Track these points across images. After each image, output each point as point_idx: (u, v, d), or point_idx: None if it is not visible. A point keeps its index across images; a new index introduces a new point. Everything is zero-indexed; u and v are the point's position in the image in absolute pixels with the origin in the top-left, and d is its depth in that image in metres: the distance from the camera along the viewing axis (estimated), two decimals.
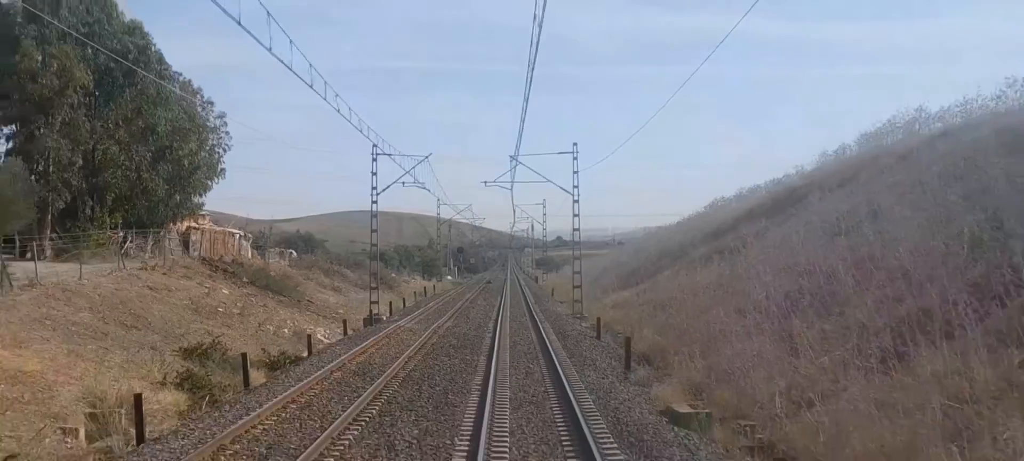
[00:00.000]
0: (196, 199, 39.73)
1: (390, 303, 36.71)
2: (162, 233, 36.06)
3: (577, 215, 33.50)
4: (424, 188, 42.14)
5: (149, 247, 34.36)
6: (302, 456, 8.65)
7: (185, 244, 40.47)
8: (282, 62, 13.24)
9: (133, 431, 10.78)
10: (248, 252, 49.45)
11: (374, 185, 32.04)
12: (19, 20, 31.55)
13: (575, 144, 33.14)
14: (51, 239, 31.49)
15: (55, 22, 29.32)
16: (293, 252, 59.56)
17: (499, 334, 21.98)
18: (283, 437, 9.96)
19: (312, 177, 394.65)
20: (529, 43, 19.39)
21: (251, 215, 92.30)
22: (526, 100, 21.49)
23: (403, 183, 37.57)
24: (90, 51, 31.20)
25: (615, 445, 9.32)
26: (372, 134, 34.92)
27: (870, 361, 10.44)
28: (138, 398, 10.86)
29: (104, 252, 29.91)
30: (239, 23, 11.32)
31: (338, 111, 20.27)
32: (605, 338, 22.32)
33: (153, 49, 35.65)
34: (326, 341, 26.11)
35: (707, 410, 11.32)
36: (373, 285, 32.03)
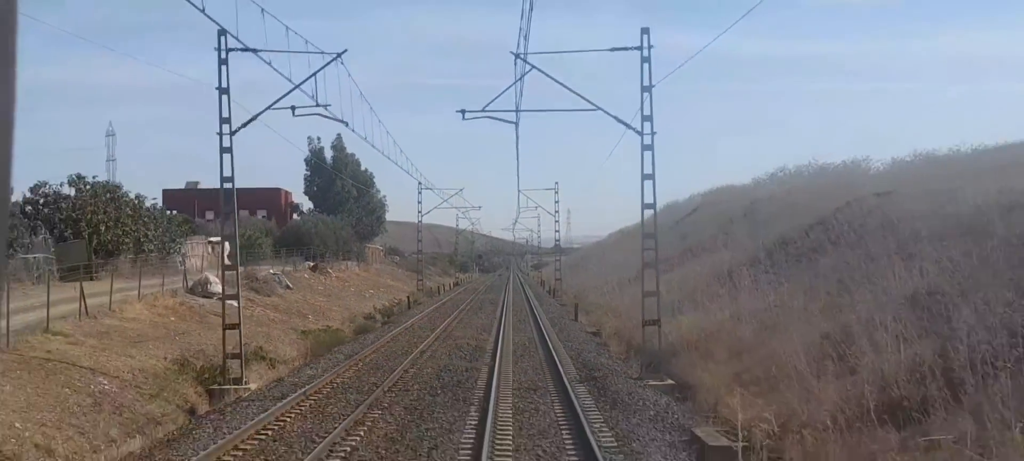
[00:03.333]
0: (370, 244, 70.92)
1: (456, 280, 68.99)
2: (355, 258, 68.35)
3: (557, 231, 65.39)
4: (465, 216, 73.81)
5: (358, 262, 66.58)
6: (453, 304, 40.58)
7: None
8: (359, 136, 45.23)
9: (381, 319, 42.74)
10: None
11: (420, 212, 63.10)
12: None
13: (557, 182, 64.30)
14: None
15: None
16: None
17: (509, 288, 53.84)
18: (444, 309, 41.90)
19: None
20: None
21: None
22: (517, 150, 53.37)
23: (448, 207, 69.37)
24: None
25: (539, 304, 41.20)
26: (417, 174, 66.28)
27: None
28: (388, 308, 42.82)
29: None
30: (327, 112, 43.34)
31: (396, 163, 52.10)
32: (553, 296, 54.19)
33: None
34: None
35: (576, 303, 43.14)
36: (451, 273, 64.18)
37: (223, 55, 15.88)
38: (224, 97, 16.03)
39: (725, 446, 9.94)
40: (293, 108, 17.48)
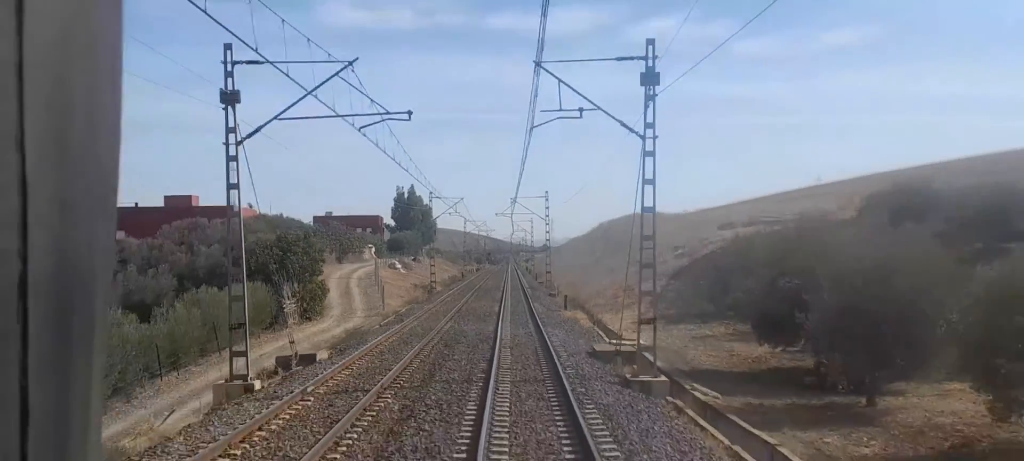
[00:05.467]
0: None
1: (476, 267, 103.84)
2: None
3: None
4: (467, 219, 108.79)
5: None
6: (478, 278, 75.54)
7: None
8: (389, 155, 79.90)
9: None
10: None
11: (434, 216, 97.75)
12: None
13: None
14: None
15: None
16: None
17: (508, 272, 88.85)
18: (480, 277, 76.95)
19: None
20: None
21: None
22: (523, 162, 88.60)
23: (449, 214, 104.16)
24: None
25: (525, 278, 76.18)
26: (427, 184, 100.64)
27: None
28: (453, 276, 77.84)
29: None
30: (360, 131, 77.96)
31: (419, 181, 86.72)
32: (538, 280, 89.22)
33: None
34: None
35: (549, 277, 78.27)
36: (467, 262, 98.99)
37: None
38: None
39: (568, 313, 45.13)
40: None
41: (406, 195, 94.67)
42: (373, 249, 70.36)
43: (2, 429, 0.41)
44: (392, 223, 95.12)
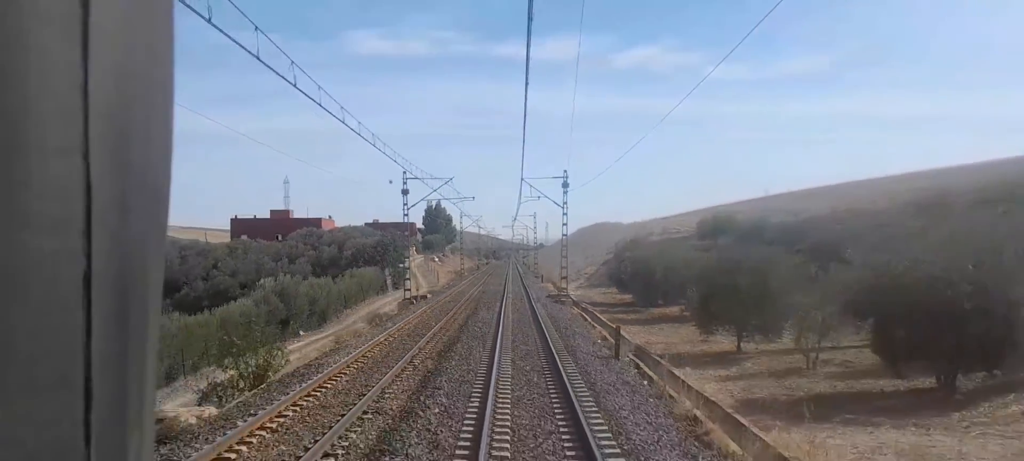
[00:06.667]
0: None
1: (487, 262, 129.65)
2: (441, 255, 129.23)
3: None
4: (479, 226, 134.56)
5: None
6: (489, 270, 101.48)
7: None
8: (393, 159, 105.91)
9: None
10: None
11: (459, 227, 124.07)
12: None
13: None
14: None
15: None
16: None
17: (510, 265, 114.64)
18: (489, 268, 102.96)
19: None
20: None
21: None
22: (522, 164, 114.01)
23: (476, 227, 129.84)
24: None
25: (521, 267, 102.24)
26: (456, 194, 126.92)
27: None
28: (472, 266, 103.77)
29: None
30: (365, 138, 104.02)
31: (435, 191, 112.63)
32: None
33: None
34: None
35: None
36: (480, 258, 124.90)
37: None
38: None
39: (541, 283, 71.01)
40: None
41: (433, 207, 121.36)
42: (414, 248, 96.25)
43: (69, 410, 0.45)
44: (422, 228, 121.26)
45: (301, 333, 37.39)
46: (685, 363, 18.70)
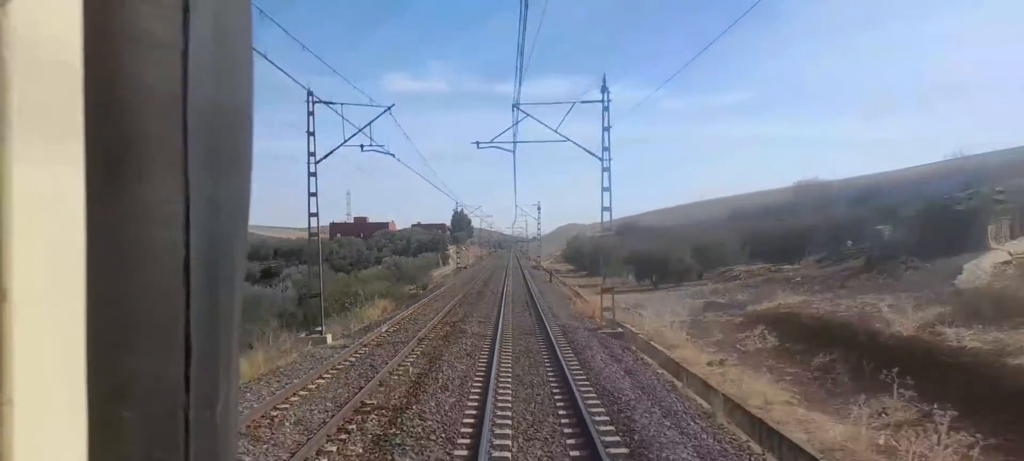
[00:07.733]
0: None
1: (494, 251, 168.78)
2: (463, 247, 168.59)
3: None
4: (489, 224, 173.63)
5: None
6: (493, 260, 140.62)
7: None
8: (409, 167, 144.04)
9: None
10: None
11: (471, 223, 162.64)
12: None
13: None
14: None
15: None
16: None
17: (512, 253, 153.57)
18: (495, 256, 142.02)
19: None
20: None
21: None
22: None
23: (483, 222, 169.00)
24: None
25: (520, 256, 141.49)
26: (472, 203, 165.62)
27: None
28: (487, 252, 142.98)
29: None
30: (374, 141, 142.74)
31: (439, 188, 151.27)
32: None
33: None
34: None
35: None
36: (487, 248, 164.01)
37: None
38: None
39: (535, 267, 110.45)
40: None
41: (459, 210, 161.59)
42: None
43: (173, 364, 0.61)
44: (451, 227, 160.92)
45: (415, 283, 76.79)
46: (581, 287, 57.96)
